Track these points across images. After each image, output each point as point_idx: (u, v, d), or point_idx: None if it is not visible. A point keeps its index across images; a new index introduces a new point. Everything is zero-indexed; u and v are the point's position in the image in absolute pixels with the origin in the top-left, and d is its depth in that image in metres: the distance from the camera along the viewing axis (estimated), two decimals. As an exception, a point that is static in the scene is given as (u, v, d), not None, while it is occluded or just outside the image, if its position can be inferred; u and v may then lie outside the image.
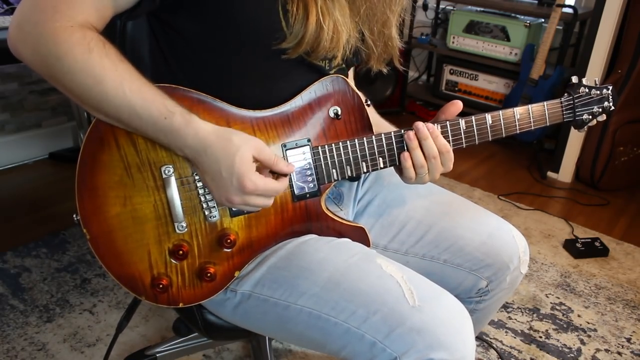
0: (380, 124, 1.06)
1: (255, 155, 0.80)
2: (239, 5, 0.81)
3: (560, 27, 2.81)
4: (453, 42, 3.13)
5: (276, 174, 0.84)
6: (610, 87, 1.04)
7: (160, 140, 0.80)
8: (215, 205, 0.85)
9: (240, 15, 0.81)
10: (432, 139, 0.90)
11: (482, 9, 3.08)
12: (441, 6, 3.38)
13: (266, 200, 0.83)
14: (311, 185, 0.89)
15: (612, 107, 1.04)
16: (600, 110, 1.04)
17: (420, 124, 0.90)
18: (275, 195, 0.85)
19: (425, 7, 3.36)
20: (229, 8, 0.81)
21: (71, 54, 0.73)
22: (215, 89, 0.85)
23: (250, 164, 0.79)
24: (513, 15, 2.97)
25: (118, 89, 0.75)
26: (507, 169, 2.85)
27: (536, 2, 2.88)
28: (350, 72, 1.08)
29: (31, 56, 0.76)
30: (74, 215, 0.83)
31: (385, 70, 1.02)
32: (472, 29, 3.05)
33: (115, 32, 0.99)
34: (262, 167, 0.83)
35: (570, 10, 2.68)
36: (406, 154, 0.90)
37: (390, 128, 1.02)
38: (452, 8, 3.17)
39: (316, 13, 0.81)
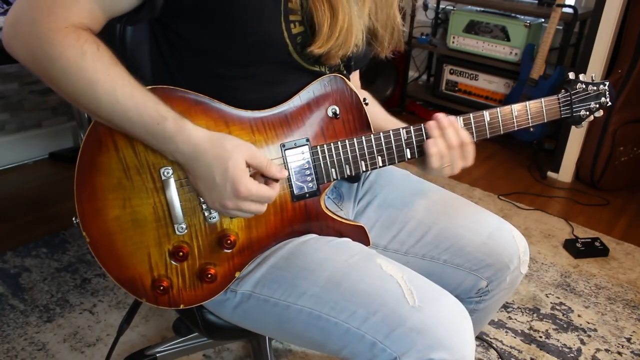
0: (389, 121, 1.06)
1: (248, 160, 0.80)
2: (240, 14, 0.81)
3: (560, 27, 2.81)
4: (453, 42, 3.13)
5: (269, 179, 0.84)
6: (607, 83, 1.04)
7: (152, 145, 0.80)
8: (214, 206, 0.85)
9: (242, 23, 0.81)
10: (453, 129, 0.92)
11: (482, 8, 3.08)
12: (441, 6, 3.38)
13: (259, 207, 0.83)
14: (310, 185, 0.89)
15: (609, 103, 1.04)
16: (597, 106, 1.04)
17: (440, 115, 0.92)
18: (268, 202, 0.85)
19: (425, 7, 3.36)
20: (229, 16, 0.81)
21: (64, 56, 0.73)
22: (214, 94, 0.85)
23: (244, 170, 0.79)
24: (513, 15, 2.97)
25: (109, 93, 0.75)
26: (507, 169, 2.85)
27: (536, 2, 2.88)
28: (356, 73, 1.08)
29: (25, 56, 0.76)
30: (74, 218, 0.83)
31: (389, 56, 1.03)
32: (472, 29, 3.04)
33: (114, 35, 0.99)
34: (255, 173, 0.83)
35: (570, 10, 2.68)
36: (431, 140, 0.91)
37: (400, 124, 1.03)
38: (452, 8, 3.17)
39: (340, 9, 0.83)
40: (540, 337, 1.70)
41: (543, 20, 2.93)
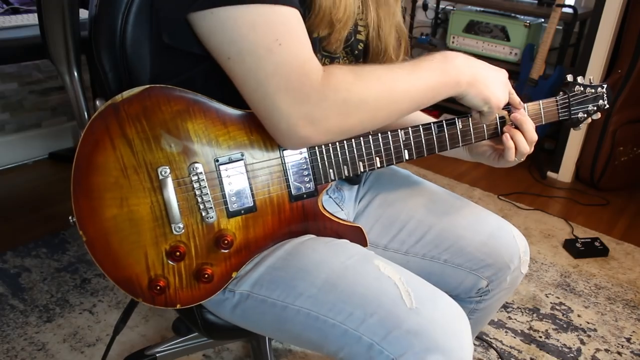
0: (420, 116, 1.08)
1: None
2: None
3: (560, 27, 2.81)
4: (453, 42, 3.13)
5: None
6: (605, 86, 1.04)
7: (447, 85, 0.85)
8: (212, 206, 0.85)
9: None
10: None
11: (482, 9, 3.07)
12: (441, 6, 3.37)
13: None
14: (308, 185, 0.89)
15: (607, 106, 1.05)
16: (595, 108, 1.05)
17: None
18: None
19: (425, 7, 3.36)
20: None
21: (353, 92, 0.76)
22: (215, 93, 0.84)
23: None
24: (513, 15, 2.96)
25: (398, 90, 0.80)
26: (507, 169, 2.83)
27: (536, 2, 2.88)
28: None
29: (338, 127, 0.78)
30: (70, 217, 0.83)
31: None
32: (472, 29, 3.04)
33: (115, 35, 0.99)
34: None
35: (570, 10, 2.67)
36: (507, 134, 0.94)
37: (427, 117, 1.05)
38: (452, 8, 3.17)
39: None
40: (540, 337, 1.70)
41: (543, 20, 2.93)
